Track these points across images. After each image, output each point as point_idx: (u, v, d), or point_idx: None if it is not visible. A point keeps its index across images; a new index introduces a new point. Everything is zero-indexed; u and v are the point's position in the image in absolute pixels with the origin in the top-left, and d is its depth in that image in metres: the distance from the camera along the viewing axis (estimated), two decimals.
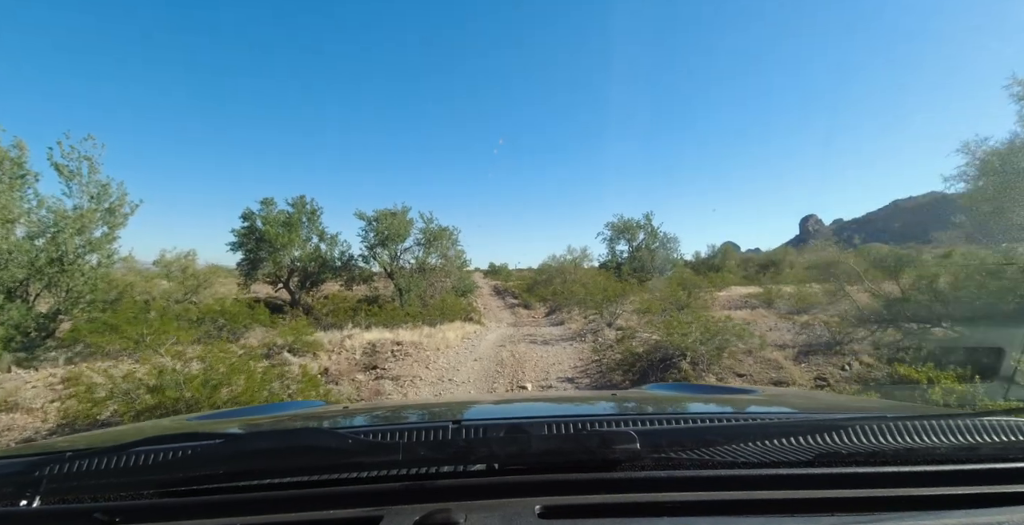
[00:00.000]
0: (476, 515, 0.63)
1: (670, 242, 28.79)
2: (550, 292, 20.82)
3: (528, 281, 29.13)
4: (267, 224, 18.76)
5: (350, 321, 12.36)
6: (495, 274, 45.33)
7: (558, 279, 22.47)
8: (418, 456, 0.72)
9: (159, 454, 0.76)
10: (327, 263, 19.78)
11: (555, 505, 0.67)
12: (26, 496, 0.70)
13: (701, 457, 0.73)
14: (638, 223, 29.55)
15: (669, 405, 1.32)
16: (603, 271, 22.34)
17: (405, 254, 20.95)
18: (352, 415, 1.33)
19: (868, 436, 0.74)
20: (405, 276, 19.24)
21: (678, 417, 0.92)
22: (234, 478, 0.74)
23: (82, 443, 1.06)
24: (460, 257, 21.44)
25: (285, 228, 19.09)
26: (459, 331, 12.14)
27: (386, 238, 19.44)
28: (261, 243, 18.78)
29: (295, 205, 19.92)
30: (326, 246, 20.06)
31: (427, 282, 20.04)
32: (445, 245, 20.84)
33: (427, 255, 20.64)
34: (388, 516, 0.64)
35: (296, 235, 19.11)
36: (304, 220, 20.22)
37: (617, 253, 30.22)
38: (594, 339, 10.16)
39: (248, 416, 1.50)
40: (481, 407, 1.44)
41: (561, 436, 0.81)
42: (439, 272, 20.31)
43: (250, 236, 19.08)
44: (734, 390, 1.76)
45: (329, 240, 20.17)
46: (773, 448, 0.74)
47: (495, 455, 0.73)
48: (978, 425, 0.75)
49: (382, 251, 20.28)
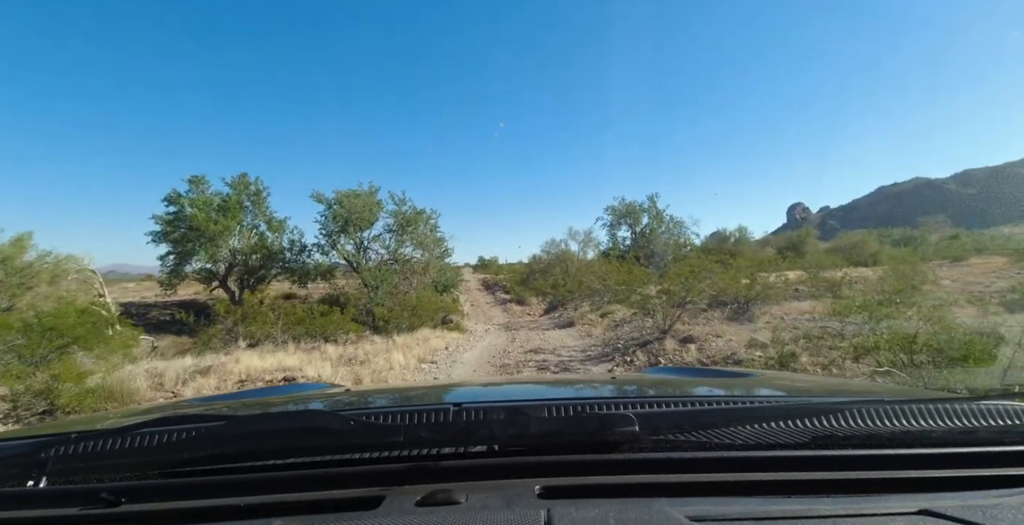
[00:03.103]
0: (477, 495, 0.64)
1: (676, 226, 25.71)
2: (549, 284, 17.32)
3: (521, 273, 25.63)
4: (196, 208, 15.02)
5: (273, 330, 8.69)
6: (485, 268, 42.22)
7: (558, 268, 18.91)
8: (419, 438, 0.72)
9: (164, 435, 0.77)
10: (274, 255, 16.05)
11: (555, 485, 0.67)
12: (32, 477, 0.72)
13: (699, 439, 0.73)
14: (641, 206, 26.36)
15: (668, 388, 1.30)
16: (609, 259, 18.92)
17: (374, 243, 17.38)
18: (354, 397, 1.36)
19: (865, 419, 0.75)
20: (372, 270, 15.63)
21: (677, 400, 0.91)
22: (238, 459, 0.75)
23: (86, 425, 1.06)
24: (440, 245, 17.90)
25: (221, 213, 15.37)
26: (424, 345, 8.58)
27: (347, 223, 15.78)
28: (191, 232, 15.06)
29: (234, 185, 16.16)
30: (272, 233, 16.28)
31: (401, 276, 16.50)
32: (422, 233, 17.29)
33: (400, 244, 17.07)
34: (390, 496, 0.65)
35: (234, 221, 15.39)
36: (247, 204, 16.50)
37: (619, 240, 27.12)
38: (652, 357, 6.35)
39: (251, 398, 1.52)
40: (482, 390, 1.48)
41: (561, 418, 0.80)
42: (415, 264, 16.75)
43: (177, 224, 15.34)
44: (733, 374, 1.70)
45: (274, 224, 16.38)
46: (770, 431, 0.74)
47: (495, 437, 0.73)
48: (975, 409, 0.75)
49: (345, 240, 16.67)
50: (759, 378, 1.49)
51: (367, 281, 15.46)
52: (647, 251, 23.22)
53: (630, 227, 27.00)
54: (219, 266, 15.62)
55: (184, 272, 15.62)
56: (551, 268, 19.41)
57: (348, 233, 15.95)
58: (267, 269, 16.25)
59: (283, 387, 2.26)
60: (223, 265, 15.71)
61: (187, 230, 15.09)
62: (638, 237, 26.35)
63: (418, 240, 17.24)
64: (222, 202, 15.59)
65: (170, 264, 15.41)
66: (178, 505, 0.67)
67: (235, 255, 15.88)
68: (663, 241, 23.75)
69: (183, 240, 15.10)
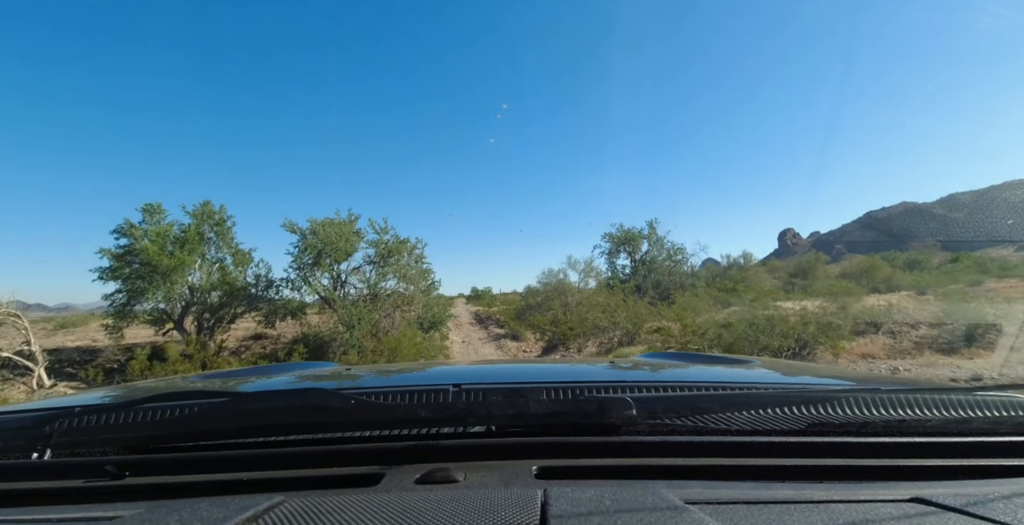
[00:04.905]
0: (475, 474, 0.64)
1: (678, 252, 24.32)
2: (548, 320, 15.55)
3: (516, 306, 23.84)
4: (149, 240, 13.31)
5: None
6: (478, 299, 40.52)
7: (557, 301, 17.20)
8: (419, 417, 0.72)
9: (167, 411, 0.77)
10: (236, 292, 14.24)
11: (552, 466, 0.67)
12: (37, 449, 0.71)
13: (696, 424, 0.73)
14: (641, 233, 25.05)
15: (666, 373, 1.29)
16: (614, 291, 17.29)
17: (352, 276, 15.65)
18: (356, 377, 1.37)
19: (861, 407, 0.74)
20: (348, 306, 13.85)
21: (674, 385, 0.90)
22: (240, 435, 0.75)
23: (90, 399, 1.08)
24: (427, 277, 16.21)
25: (178, 245, 13.67)
26: None
27: (321, 255, 14.11)
28: (143, 268, 13.30)
29: (196, 214, 14.53)
30: (235, 267, 14.53)
31: (382, 313, 14.72)
32: (405, 264, 15.64)
33: (381, 276, 15.37)
34: (390, 473, 0.65)
35: (194, 254, 13.66)
36: (211, 235, 14.83)
37: (619, 268, 25.64)
38: None
39: (254, 375, 1.52)
40: (482, 371, 1.48)
41: (559, 400, 0.79)
42: (397, 298, 14.99)
43: (128, 259, 13.59)
44: (731, 360, 1.69)
45: (239, 256, 14.65)
46: (766, 416, 0.73)
47: (494, 417, 0.73)
48: (970, 400, 0.75)
49: (320, 273, 14.94)
50: (758, 365, 1.46)
51: (343, 319, 13.67)
52: (653, 280, 21.69)
53: (629, 255, 25.61)
54: (174, 305, 13.77)
55: (133, 313, 13.74)
56: (549, 301, 17.70)
57: (321, 266, 14.25)
58: (231, 307, 14.41)
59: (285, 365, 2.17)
60: (179, 304, 13.87)
61: (140, 266, 13.34)
62: (638, 265, 24.96)
63: (401, 272, 15.57)
64: (180, 233, 13.91)
65: (117, 304, 13.54)
66: (181, 479, 0.67)
67: (193, 293, 14.07)
68: (668, 269, 22.23)
69: (133, 277, 13.31)
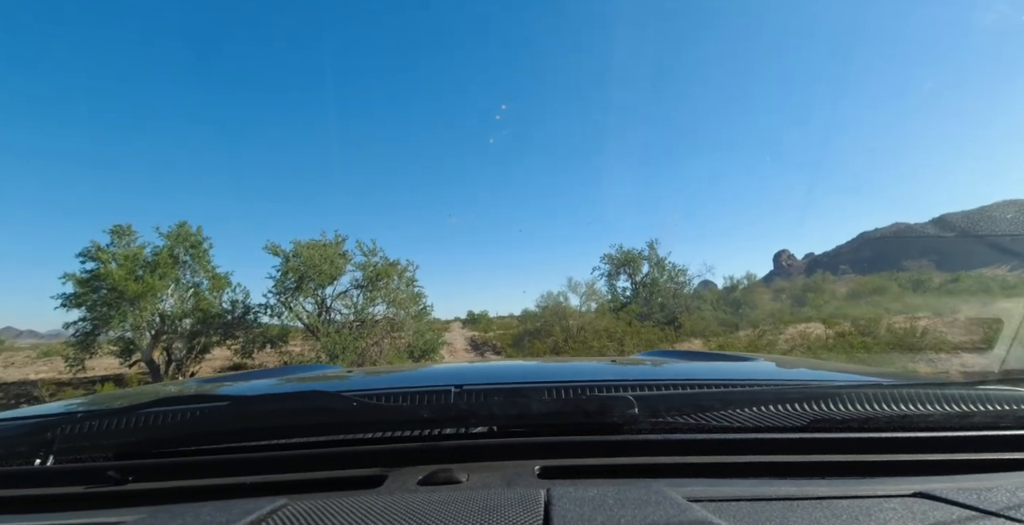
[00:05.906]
0: (477, 475, 0.64)
1: (680, 274, 23.49)
2: (549, 346, 14.49)
3: (514, 331, 22.73)
4: (118, 264, 12.32)
5: None
6: (474, 324, 39.31)
7: (557, 326, 16.16)
8: (421, 418, 0.72)
9: (169, 415, 0.77)
10: (210, 320, 13.16)
11: (554, 466, 0.67)
12: (39, 455, 0.71)
13: (698, 422, 0.73)
14: (641, 254, 24.29)
15: (668, 371, 1.30)
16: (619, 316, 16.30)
17: (337, 301, 14.63)
18: (357, 378, 1.36)
19: (862, 403, 0.74)
20: (332, 334, 12.79)
21: (676, 383, 0.91)
22: (243, 438, 0.74)
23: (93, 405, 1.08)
24: (418, 302, 15.20)
25: (149, 270, 12.68)
26: None
27: (303, 279, 13.13)
28: (110, 294, 12.27)
29: (171, 236, 13.58)
30: (210, 292, 13.49)
31: (369, 340, 13.64)
32: (395, 287, 14.66)
33: (369, 301, 14.36)
34: (392, 475, 0.65)
35: (163, 281, 12.64)
36: (186, 258, 13.86)
37: (619, 290, 24.74)
38: None
39: (256, 379, 1.52)
40: (483, 372, 1.47)
41: (561, 400, 0.79)
42: (386, 324, 13.94)
43: (95, 284, 12.56)
44: (733, 357, 1.68)
45: (216, 281, 13.63)
46: (768, 413, 0.73)
47: (496, 418, 0.73)
48: (972, 394, 0.75)
49: (302, 299, 13.93)
50: (759, 362, 1.47)
51: (327, 348, 12.59)
52: (657, 302, 20.75)
53: (630, 276, 24.79)
54: (142, 334, 12.66)
55: (98, 343, 12.61)
56: (549, 326, 16.66)
57: (304, 290, 13.26)
58: (205, 335, 13.29)
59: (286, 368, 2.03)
60: (148, 332, 12.76)
61: (107, 291, 12.31)
62: (639, 287, 24.09)
63: (391, 297, 14.57)
64: (152, 257, 12.94)
65: (80, 333, 12.42)
66: (184, 483, 0.67)
67: (164, 320, 12.99)
68: (672, 292, 21.30)
69: (99, 303, 12.25)
